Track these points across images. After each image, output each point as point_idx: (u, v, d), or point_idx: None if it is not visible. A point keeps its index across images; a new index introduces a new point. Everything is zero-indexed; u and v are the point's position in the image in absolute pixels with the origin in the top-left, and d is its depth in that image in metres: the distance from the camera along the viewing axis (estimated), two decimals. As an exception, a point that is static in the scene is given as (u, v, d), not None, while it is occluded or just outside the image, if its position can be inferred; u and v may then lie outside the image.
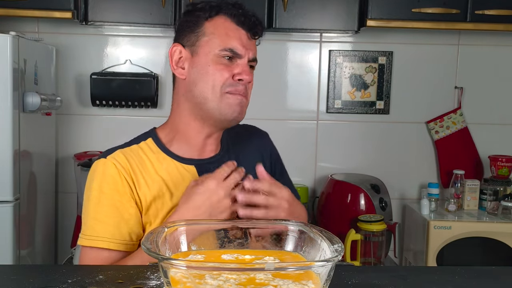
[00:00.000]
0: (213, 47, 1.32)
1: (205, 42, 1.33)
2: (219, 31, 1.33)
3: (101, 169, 1.33)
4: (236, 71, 1.32)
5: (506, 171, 2.71)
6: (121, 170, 1.31)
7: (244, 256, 0.94)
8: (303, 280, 0.79)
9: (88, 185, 1.35)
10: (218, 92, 1.31)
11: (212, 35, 1.33)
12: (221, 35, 1.33)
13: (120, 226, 1.29)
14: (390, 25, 2.53)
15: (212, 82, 1.31)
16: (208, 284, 0.77)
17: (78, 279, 0.98)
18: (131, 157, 1.34)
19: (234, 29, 1.34)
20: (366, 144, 2.89)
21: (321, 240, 0.89)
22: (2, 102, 2.06)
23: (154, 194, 1.32)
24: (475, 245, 2.53)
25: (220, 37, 1.32)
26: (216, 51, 1.31)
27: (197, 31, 1.34)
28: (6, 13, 2.39)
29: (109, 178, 1.31)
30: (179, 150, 1.37)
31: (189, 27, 1.36)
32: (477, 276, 1.07)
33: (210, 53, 1.32)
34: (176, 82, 1.40)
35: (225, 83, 1.31)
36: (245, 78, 1.33)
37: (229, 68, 1.32)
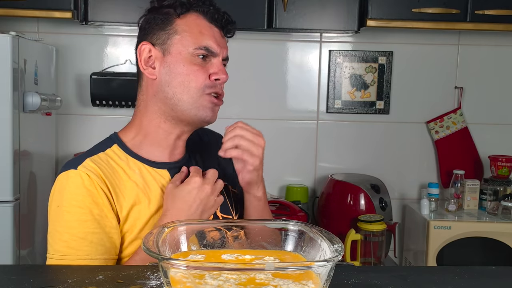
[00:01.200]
0: (187, 46, 1.25)
1: (177, 40, 1.26)
2: (192, 28, 1.26)
3: (73, 182, 1.21)
4: (212, 71, 1.26)
5: (506, 171, 2.70)
6: (95, 180, 1.20)
7: (244, 256, 0.94)
8: (303, 280, 0.79)
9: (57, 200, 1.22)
10: (194, 94, 1.25)
11: (185, 33, 1.26)
12: (194, 33, 1.26)
13: (104, 242, 1.20)
14: (390, 25, 2.53)
15: (187, 83, 1.25)
16: (208, 284, 0.77)
17: (78, 279, 0.98)
18: (102, 166, 1.24)
19: (208, 27, 1.28)
20: (366, 144, 2.89)
21: (321, 240, 0.89)
22: (2, 102, 2.06)
23: (131, 202, 1.24)
24: (475, 245, 2.53)
25: (194, 35, 1.26)
26: (190, 49, 1.25)
27: (167, 29, 1.27)
28: (6, 13, 2.39)
29: (84, 190, 1.20)
30: (149, 154, 1.30)
31: (157, 24, 1.29)
32: (477, 276, 1.07)
33: (183, 52, 1.25)
34: (143, 82, 1.34)
35: (203, 84, 1.25)
36: (222, 77, 1.27)
37: (204, 68, 1.26)
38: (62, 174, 1.23)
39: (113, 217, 1.22)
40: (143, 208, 1.25)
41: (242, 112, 2.79)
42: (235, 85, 2.93)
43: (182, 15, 1.27)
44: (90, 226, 1.20)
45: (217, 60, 1.28)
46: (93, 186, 1.20)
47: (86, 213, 1.19)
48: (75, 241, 1.19)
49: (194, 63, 1.25)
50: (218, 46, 1.27)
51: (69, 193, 1.20)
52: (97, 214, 1.20)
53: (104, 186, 1.21)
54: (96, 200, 1.20)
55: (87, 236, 1.19)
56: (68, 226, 1.20)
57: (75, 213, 1.20)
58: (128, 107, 2.71)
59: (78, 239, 1.19)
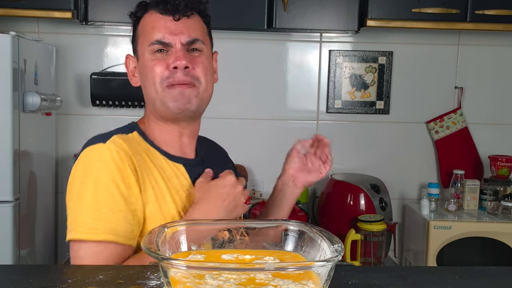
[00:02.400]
0: (145, 46, 1.28)
1: (140, 44, 1.30)
2: (146, 28, 1.29)
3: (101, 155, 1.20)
4: (170, 61, 1.25)
5: (506, 171, 2.71)
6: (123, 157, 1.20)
7: (244, 256, 0.94)
8: (303, 280, 0.79)
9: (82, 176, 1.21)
10: (159, 88, 1.26)
11: (142, 35, 1.30)
12: (147, 31, 1.28)
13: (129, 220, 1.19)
14: (390, 25, 2.53)
15: (151, 80, 1.27)
16: (208, 284, 0.77)
17: (78, 279, 0.98)
18: (130, 145, 1.24)
19: (159, 19, 1.27)
20: (366, 144, 2.89)
21: (321, 240, 0.89)
22: (2, 102, 2.06)
23: (153, 187, 1.24)
24: (475, 245, 2.53)
25: (147, 33, 1.28)
26: (146, 48, 1.27)
27: (135, 37, 1.33)
28: (6, 13, 2.39)
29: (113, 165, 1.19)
30: (165, 147, 1.32)
31: (132, 33, 1.34)
32: (477, 276, 1.07)
33: (144, 53, 1.28)
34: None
35: (163, 76, 1.25)
36: (178, 64, 1.24)
37: (164, 60, 1.26)
38: (88, 148, 1.22)
39: (139, 197, 1.21)
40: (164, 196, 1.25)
41: (242, 112, 2.79)
42: (235, 85, 2.93)
43: (141, 18, 1.31)
44: (117, 202, 1.18)
45: (175, 49, 1.26)
46: (122, 162, 1.20)
47: (114, 188, 1.18)
48: (104, 214, 1.18)
49: (152, 59, 1.27)
50: (171, 34, 1.26)
51: (97, 167, 1.20)
52: (124, 191, 1.19)
53: (131, 164, 1.21)
54: (124, 177, 1.19)
55: (114, 211, 1.18)
56: (96, 200, 1.18)
57: (102, 187, 1.18)
58: (128, 107, 2.71)
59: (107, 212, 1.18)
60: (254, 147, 2.78)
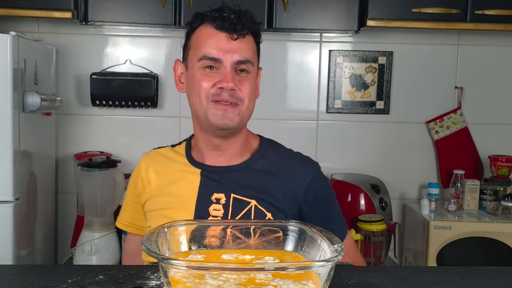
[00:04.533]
0: (196, 58, 1.32)
1: (191, 55, 1.35)
2: (199, 40, 1.33)
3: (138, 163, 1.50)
4: (217, 79, 1.30)
5: (506, 171, 2.71)
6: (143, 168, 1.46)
7: (244, 256, 0.94)
8: (303, 280, 0.79)
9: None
10: (203, 102, 1.31)
11: (195, 47, 1.34)
12: (200, 45, 1.32)
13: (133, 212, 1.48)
14: (390, 25, 2.53)
15: (197, 93, 1.32)
16: (208, 284, 0.77)
17: (78, 279, 0.98)
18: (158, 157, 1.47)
19: (213, 34, 1.31)
20: (366, 144, 2.89)
21: (321, 240, 0.89)
22: (2, 102, 2.06)
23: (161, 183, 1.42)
24: (475, 245, 2.53)
25: (199, 46, 1.32)
26: (196, 61, 1.32)
27: (187, 45, 1.37)
28: (6, 13, 2.39)
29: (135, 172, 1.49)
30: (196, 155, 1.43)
31: (185, 41, 1.39)
32: (477, 276, 1.07)
33: (194, 65, 1.33)
34: None
35: (209, 93, 1.30)
36: (225, 85, 1.29)
37: (212, 77, 1.31)
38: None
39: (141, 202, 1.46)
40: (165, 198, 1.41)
41: (242, 112, 2.79)
42: (235, 85, 2.93)
43: (196, 29, 1.34)
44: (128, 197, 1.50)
45: (225, 67, 1.30)
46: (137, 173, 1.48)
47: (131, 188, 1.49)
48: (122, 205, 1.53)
49: (201, 73, 1.31)
50: (222, 51, 1.29)
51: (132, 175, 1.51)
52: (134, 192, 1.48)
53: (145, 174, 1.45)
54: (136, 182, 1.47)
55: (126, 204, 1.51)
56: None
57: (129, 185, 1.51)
58: (128, 107, 2.71)
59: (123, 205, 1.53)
60: (254, 147, 2.78)
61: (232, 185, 1.34)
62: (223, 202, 1.32)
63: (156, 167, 1.43)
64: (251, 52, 1.34)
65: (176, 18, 2.46)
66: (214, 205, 1.32)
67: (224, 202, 1.32)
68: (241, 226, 1.03)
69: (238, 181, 1.35)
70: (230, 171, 1.37)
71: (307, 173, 1.40)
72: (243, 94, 1.32)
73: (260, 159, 1.40)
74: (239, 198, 1.32)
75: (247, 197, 1.33)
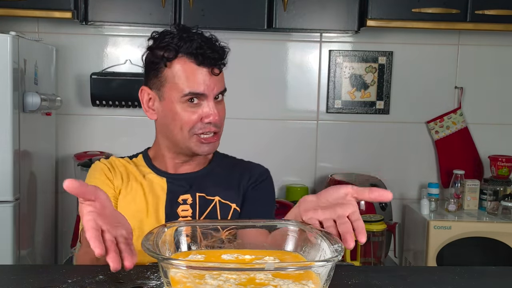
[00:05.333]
0: (177, 93, 1.32)
1: (168, 88, 1.33)
2: (179, 76, 1.32)
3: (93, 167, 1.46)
4: (203, 114, 1.32)
5: (506, 171, 2.71)
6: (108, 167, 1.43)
7: (244, 256, 0.94)
8: (303, 280, 0.79)
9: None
10: (186, 134, 1.33)
11: (173, 82, 1.32)
12: (181, 81, 1.31)
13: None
14: (390, 25, 2.53)
15: (180, 125, 1.33)
16: (208, 284, 0.77)
17: (78, 279, 0.98)
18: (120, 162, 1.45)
19: (194, 70, 1.31)
20: (366, 144, 2.89)
21: (321, 240, 0.89)
22: (2, 102, 2.06)
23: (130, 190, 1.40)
24: (475, 245, 2.53)
25: (181, 82, 1.31)
26: (178, 96, 1.32)
27: (159, 77, 1.34)
28: (6, 13, 2.39)
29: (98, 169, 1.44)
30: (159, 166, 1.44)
31: (153, 69, 1.36)
32: (477, 276, 1.07)
33: (174, 98, 1.32)
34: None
35: (194, 126, 1.33)
36: (212, 120, 1.32)
37: (196, 110, 1.32)
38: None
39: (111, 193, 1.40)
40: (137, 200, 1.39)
41: (242, 112, 2.79)
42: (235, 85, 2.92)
43: (170, 62, 1.32)
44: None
45: (208, 101, 1.32)
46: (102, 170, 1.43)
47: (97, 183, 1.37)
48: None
49: (184, 107, 1.32)
50: (207, 87, 1.31)
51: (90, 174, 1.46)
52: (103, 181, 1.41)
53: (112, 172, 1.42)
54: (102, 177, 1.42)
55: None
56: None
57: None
58: (128, 107, 2.71)
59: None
60: (254, 147, 2.78)
61: (196, 186, 1.40)
62: (189, 202, 1.38)
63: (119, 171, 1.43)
64: (224, 80, 1.38)
65: (176, 18, 2.46)
66: (182, 206, 1.38)
67: (191, 202, 1.38)
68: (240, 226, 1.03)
69: (201, 183, 1.41)
70: (194, 176, 1.43)
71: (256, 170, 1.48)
72: (221, 120, 1.37)
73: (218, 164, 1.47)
74: (203, 196, 1.39)
75: (211, 196, 1.39)
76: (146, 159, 1.46)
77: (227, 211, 1.41)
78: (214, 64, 1.32)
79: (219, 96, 1.36)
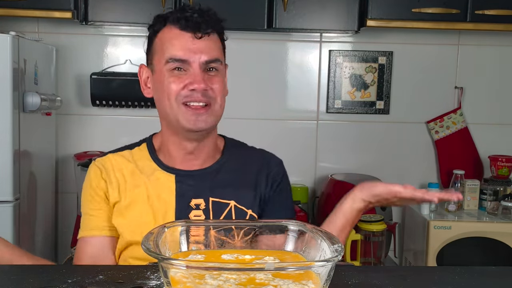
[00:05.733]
0: (161, 62, 1.29)
1: (157, 59, 1.30)
2: (164, 43, 1.29)
3: (88, 170, 1.40)
4: (188, 81, 1.26)
5: (506, 171, 2.70)
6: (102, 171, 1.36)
7: (244, 256, 0.94)
8: (303, 280, 0.79)
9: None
10: (174, 105, 1.27)
11: (160, 50, 1.29)
12: (165, 47, 1.28)
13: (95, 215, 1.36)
14: (390, 25, 2.53)
15: (167, 96, 1.28)
16: (208, 284, 0.77)
17: (78, 279, 0.98)
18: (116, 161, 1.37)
19: (178, 35, 1.28)
20: (366, 144, 2.89)
21: (321, 240, 0.89)
22: (2, 102, 2.06)
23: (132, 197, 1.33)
24: (475, 245, 2.53)
25: (165, 49, 1.28)
26: (163, 65, 1.28)
27: (151, 49, 1.33)
28: (6, 13, 2.39)
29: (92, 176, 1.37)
30: (164, 159, 1.37)
31: (148, 45, 1.35)
32: (477, 276, 1.07)
33: (162, 68, 1.29)
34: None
35: (179, 94, 1.27)
36: (196, 87, 1.26)
37: (181, 78, 1.27)
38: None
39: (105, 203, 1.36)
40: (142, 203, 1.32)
41: (242, 112, 2.79)
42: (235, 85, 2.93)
43: (159, 31, 1.30)
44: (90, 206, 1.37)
45: (194, 68, 1.27)
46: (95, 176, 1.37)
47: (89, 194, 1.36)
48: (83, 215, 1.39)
49: (170, 76, 1.28)
50: (189, 51, 1.26)
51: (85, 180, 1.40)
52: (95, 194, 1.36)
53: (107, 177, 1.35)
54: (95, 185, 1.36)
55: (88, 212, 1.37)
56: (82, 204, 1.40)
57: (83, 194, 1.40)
58: (128, 107, 2.71)
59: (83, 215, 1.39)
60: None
61: (209, 188, 1.33)
62: (202, 207, 1.31)
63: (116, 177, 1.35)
64: (218, 51, 1.31)
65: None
66: (194, 211, 1.31)
67: (204, 207, 1.31)
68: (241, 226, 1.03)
69: (214, 184, 1.34)
70: (204, 174, 1.35)
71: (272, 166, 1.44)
72: (215, 93, 1.29)
73: (230, 158, 1.40)
74: (218, 201, 1.32)
75: (226, 199, 1.33)
76: (150, 149, 1.38)
77: (242, 217, 1.33)
78: (198, 28, 1.27)
79: (212, 68, 1.29)
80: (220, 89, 1.31)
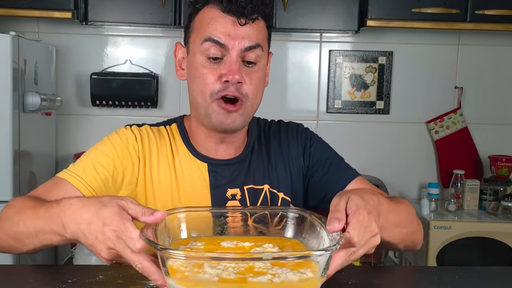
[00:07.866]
0: (197, 42, 1.17)
1: (193, 39, 1.20)
2: (203, 23, 1.17)
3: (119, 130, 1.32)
4: (223, 71, 1.15)
5: (506, 171, 2.70)
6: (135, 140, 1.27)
7: (244, 243, 0.93)
8: (301, 269, 0.79)
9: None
10: (207, 98, 1.17)
11: (197, 29, 1.18)
12: (203, 27, 1.17)
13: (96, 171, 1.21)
14: (390, 25, 2.53)
15: (200, 87, 1.17)
16: (206, 273, 0.76)
17: (78, 279, 0.98)
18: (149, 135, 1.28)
19: (219, 18, 1.16)
20: (366, 144, 2.89)
21: (320, 228, 0.89)
22: (2, 102, 2.06)
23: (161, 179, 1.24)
24: (475, 245, 2.53)
25: (203, 29, 1.17)
26: (199, 45, 1.17)
27: (189, 27, 1.22)
28: (6, 13, 2.39)
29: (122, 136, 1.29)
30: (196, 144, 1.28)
31: (187, 22, 1.23)
32: (477, 276, 1.07)
33: (197, 50, 1.18)
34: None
35: (213, 89, 1.16)
36: (231, 79, 1.14)
37: (216, 70, 1.16)
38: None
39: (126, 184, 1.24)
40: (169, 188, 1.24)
41: (242, 112, 2.79)
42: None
43: (199, 10, 1.20)
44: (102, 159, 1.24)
45: (231, 56, 1.15)
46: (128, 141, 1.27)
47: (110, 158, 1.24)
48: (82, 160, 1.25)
49: (204, 66, 1.17)
50: (228, 37, 1.15)
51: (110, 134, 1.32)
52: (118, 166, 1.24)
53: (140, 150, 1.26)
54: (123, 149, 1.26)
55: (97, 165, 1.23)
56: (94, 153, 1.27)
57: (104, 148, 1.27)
58: (128, 107, 2.71)
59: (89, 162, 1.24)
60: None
61: (243, 176, 1.27)
62: (238, 197, 1.25)
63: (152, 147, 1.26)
64: (261, 37, 1.19)
65: (176, 18, 2.46)
66: (231, 202, 1.24)
67: (240, 197, 1.25)
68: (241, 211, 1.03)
69: (247, 171, 1.28)
70: (237, 163, 1.28)
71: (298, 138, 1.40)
72: (248, 89, 1.17)
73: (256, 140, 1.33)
74: (252, 188, 1.27)
75: (259, 184, 1.27)
76: (182, 132, 1.29)
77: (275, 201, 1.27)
78: (242, 12, 1.14)
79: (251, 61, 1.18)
80: (256, 85, 1.20)
